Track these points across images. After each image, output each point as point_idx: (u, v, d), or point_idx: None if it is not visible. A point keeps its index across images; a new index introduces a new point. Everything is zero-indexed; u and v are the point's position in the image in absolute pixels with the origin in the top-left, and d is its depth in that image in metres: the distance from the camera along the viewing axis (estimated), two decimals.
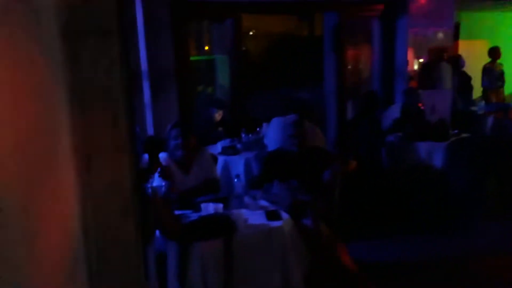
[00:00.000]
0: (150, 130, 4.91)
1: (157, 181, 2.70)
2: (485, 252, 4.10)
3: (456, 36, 7.24)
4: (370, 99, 5.67)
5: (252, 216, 2.83)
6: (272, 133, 4.38)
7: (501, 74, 8.05)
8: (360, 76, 6.95)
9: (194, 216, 2.79)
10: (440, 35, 6.53)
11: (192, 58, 6.67)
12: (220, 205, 2.85)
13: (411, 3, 6.28)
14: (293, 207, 3.16)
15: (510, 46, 9.51)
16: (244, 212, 2.89)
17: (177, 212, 2.76)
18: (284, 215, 2.86)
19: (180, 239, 2.43)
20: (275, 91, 7.34)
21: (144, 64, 4.89)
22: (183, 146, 3.25)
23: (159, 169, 2.74)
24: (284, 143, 3.77)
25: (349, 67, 6.55)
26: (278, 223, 2.77)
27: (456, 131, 5.44)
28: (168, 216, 2.46)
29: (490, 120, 6.02)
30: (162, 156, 3.24)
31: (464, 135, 5.40)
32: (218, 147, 4.58)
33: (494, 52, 8.00)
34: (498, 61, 8.03)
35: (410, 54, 6.50)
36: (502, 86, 8.12)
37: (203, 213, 2.81)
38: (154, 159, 2.87)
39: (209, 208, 2.82)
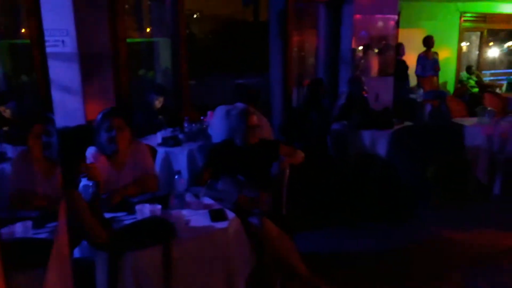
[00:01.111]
0: (81, 120, 4.48)
1: (83, 180, 2.36)
2: (429, 240, 4.13)
3: (397, 24, 7.27)
4: (317, 87, 5.55)
5: (194, 217, 2.59)
6: (217, 123, 4.12)
7: (435, 63, 8.22)
8: (306, 63, 6.81)
9: (127, 219, 2.50)
10: (385, 22, 6.50)
11: (131, 40, 6.23)
12: (158, 207, 2.56)
13: None
14: (240, 204, 2.94)
15: (446, 35, 9.82)
16: (185, 213, 2.63)
17: (107, 216, 2.45)
18: (230, 214, 2.64)
19: (109, 248, 2.13)
20: (220, 77, 7.08)
21: (73, 45, 4.43)
22: (118, 139, 2.89)
23: (84, 168, 2.38)
24: (230, 134, 3.53)
25: (295, 53, 6.38)
26: (223, 224, 2.54)
27: (399, 118, 5.46)
28: (95, 222, 2.15)
29: (428, 108, 6.10)
30: (90, 150, 2.88)
31: (406, 123, 5.43)
32: (158, 138, 4.25)
33: (428, 41, 8.16)
34: (433, 49, 8.19)
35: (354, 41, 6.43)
36: (436, 74, 8.31)
37: (138, 216, 2.51)
38: (78, 154, 2.51)
39: (145, 210, 2.53)
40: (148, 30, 7.45)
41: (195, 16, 8.53)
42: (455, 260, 3.80)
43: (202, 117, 4.71)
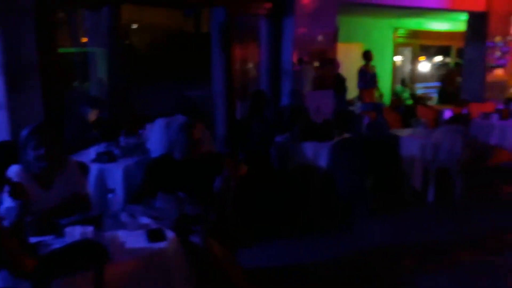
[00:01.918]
0: (5, 135, 4.15)
1: (6, 201, 2.14)
2: (370, 250, 4.20)
3: (335, 39, 7.45)
4: (259, 99, 5.54)
5: (130, 238, 2.43)
6: (157, 136, 3.96)
7: (374, 76, 8.52)
8: (248, 75, 6.80)
9: (55, 243, 2.29)
10: (324, 36, 6.63)
11: (63, 50, 5.91)
12: (90, 228, 2.38)
13: (297, 3, 6.27)
14: (180, 223, 2.81)
15: (381, 50, 10.22)
16: (120, 234, 2.46)
17: (32, 240, 2.24)
18: (169, 234, 2.51)
19: (34, 277, 1.93)
20: (160, 89, 6.88)
21: None
22: (46, 156, 2.67)
23: (7, 186, 2.16)
24: (170, 148, 3.39)
25: (237, 65, 6.35)
26: (161, 245, 2.41)
27: (338, 130, 5.55)
28: (18, 248, 1.94)
29: (366, 120, 6.27)
30: (13, 169, 2.64)
31: (346, 134, 5.53)
32: (91, 153, 4.00)
33: (367, 55, 8.45)
34: (371, 63, 8.49)
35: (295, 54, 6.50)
36: (374, 86, 8.61)
37: (68, 239, 2.31)
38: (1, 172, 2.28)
39: (75, 232, 2.33)
40: (83, 40, 7.14)
41: (134, 26, 8.29)
42: (398, 263, 3.91)
43: (140, 131, 4.52)
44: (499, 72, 9.09)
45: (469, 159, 5.52)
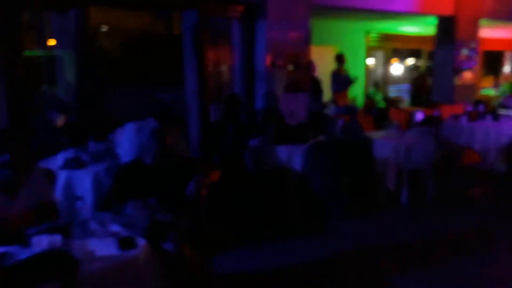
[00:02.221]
0: None
1: None
2: (346, 252, 4.21)
3: (309, 42, 7.47)
4: (233, 102, 5.50)
5: (100, 247, 2.36)
6: (127, 141, 3.86)
7: (347, 78, 8.59)
8: (222, 78, 6.74)
9: (21, 254, 2.20)
10: (298, 39, 6.64)
11: (30, 53, 5.74)
12: (58, 237, 2.29)
13: (269, 6, 6.26)
14: (151, 229, 2.73)
15: (354, 53, 10.34)
16: (89, 242, 2.38)
17: None
18: (140, 241, 2.43)
19: None
20: (132, 92, 6.75)
21: None
22: (11, 163, 2.57)
23: None
24: (141, 153, 3.30)
25: (210, 68, 6.28)
26: (132, 253, 2.34)
27: (313, 133, 5.56)
28: None
29: (340, 122, 6.31)
30: None
31: (320, 137, 5.54)
32: (59, 160, 3.88)
33: (340, 58, 8.51)
34: (344, 66, 8.56)
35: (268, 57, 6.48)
36: (347, 89, 8.68)
37: (34, 249, 2.22)
38: None
39: (43, 241, 2.25)
40: (51, 42, 6.94)
41: (104, 29, 8.12)
42: (375, 264, 3.93)
43: (109, 135, 4.39)
44: (468, 75, 9.31)
45: (440, 160, 5.61)
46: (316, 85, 7.73)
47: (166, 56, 6.47)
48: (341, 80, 8.52)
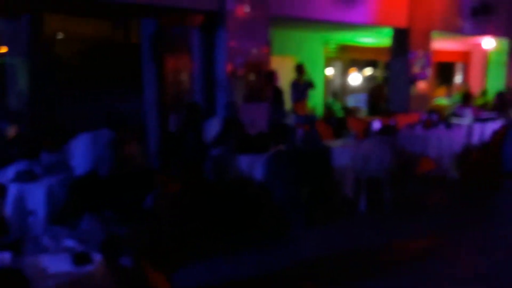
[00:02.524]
0: None
1: None
2: (308, 260, 4.24)
3: (269, 52, 7.54)
4: (193, 111, 5.44)
5: (53, 263, 2.28)
6: (82, 152, 3.74)
7: (306, 88, 8.69)
8: (182, 87, 6.68)
9: None
10: (257, 49, 6.68)
11: None
12: (7, 254, 2.19)
13: (229, 16, 6.28)
14: (108, 244, 2.65)
15: (313, 63, 10.50)
16: (42, 259, 2.28)
17: None
18: (96, 257, 2.35)
19: None
20: (88, 101, 6.55)
21: None
22: None
23: None
24: (96, 165, 3.21)
25: (170, 77, 6.21)
26: (87, 268, 2.26)
27: (274, 143, 5.58)
28: None
29: (300, 132, 6.37)
30: None
31: (281, 146, 5.56)
32: (9, 172, 3.70)
33: (300, 68, 8.62)
34: (303, 76, 8.66)
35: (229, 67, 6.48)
36: (306, 99, 8.78)
37: None
38: None
39: None
40: (2, 50, 6.66)
41: (59, 36, 7.88)
42: (337, 272, 3.96)
43: (63, 147, 4.23)
44: (422, 85, 9.65)
45: (397, 168, 5.75)
46: (278, 94, 7.78)
47: (125, 64, 6.34)
48: (301, 89, 8.62)
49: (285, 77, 9.12)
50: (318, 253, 4.39)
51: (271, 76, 7.14)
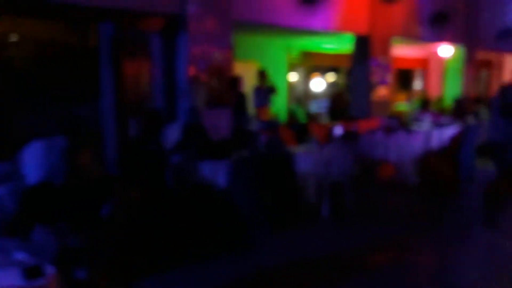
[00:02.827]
0: None
1: None
2: (273, 267, 4.22)
3: (232, 57, 7.51)
4: (153, 117, 5.32)
5: (2, 277, 2.17)
6: (34, 161, 3.57)
7: (268, 94, 8.73)
8: (142, 92, 6.54)
9: None
10: (220, 54, 6.63)
11: None
12: None
13: (190, 20, 6.20)
14: (61, 256, 2.53)
15: (276, 69, 10.57)
16: None
17: None
18: (49, 269, 2.24)
19: None
20: (42, 107, 6.30)
21: None
22: None
23: None
24: (49, 174, 3.07)
25: (129, 82, 6.06)
26: (39, 282, 2.15)
27: (237, 149, 5.55)
28: None
29: (263, 138, 6.36)
30: None
31: (244, 152, 5.54)
32: None
33: (262, 74, 8.66)
34: (266, 81, 8.70)
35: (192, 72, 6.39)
36: (269, 104, 8.82)
37: None
38: None
39: None
40: None
41: (12, 39, 7.57)
42: (301, 278, 3.97)
43: (15, 154, 4.04)
44: (382, 91, 9.86)
45: (358, 173, 5.83)
46: (241, 100, 7.76)
47: (82, 68, 6.15)
48: (263, 94, 8.64)
49: (248, 83, 9.12)
50: (281, 260, 4.37)
51: (235, 81, 7.10)
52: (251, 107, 8.81)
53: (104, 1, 5.35)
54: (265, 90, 8.63)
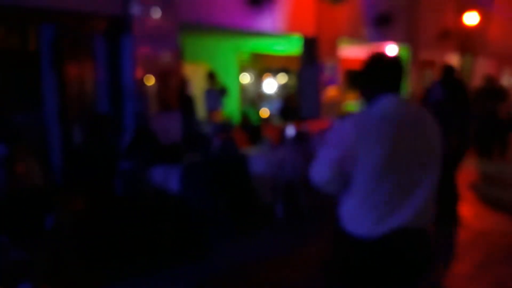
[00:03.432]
0: None
1: None
2: (228, 271, 4.16)
3: (180, 59, 7.38)
4: (99, 122, 5.14)
5: None
6: None
7: (220, 95, 8.67)
8: (86, 97, 6.27)
9: None
10: (167, 56, 6.47)
11: None
12: None
13: (135, 22, 6.01)
14: (3, 270, 2.36)
15: (227, 70, 10.51)
16: None
17: None
18: None
19: None
20: None
21: None
22: None
23: None
24: None
25: (73, 86, 5.79)
26: None
27: (189, 153, 5.46)
28: None
29: (216, 140, 6.30)
30: None
31: (196, 156, 5.46)
32: None
33: (211, 76, 8.59)
34: (216, 83, 8.63)
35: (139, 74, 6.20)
36: (221, 106, 8.75)
37: None
38: None
39: None
40: None
41: None
42: (258, 281, 3.92)
43: None
44: (332, 91, 10.03)
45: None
46: (188, 103, 7.63)
47: (21, 73, 5.82)
48: (214, 96, 8.56)
49: (198, 85, 9.01)
50: (235, 264, 4.31)
51: (183, 84, 6.98)
52: (203, 109, 8.71)
53: (44, 1, 5.09)
54: (216, 92, 8.56)
